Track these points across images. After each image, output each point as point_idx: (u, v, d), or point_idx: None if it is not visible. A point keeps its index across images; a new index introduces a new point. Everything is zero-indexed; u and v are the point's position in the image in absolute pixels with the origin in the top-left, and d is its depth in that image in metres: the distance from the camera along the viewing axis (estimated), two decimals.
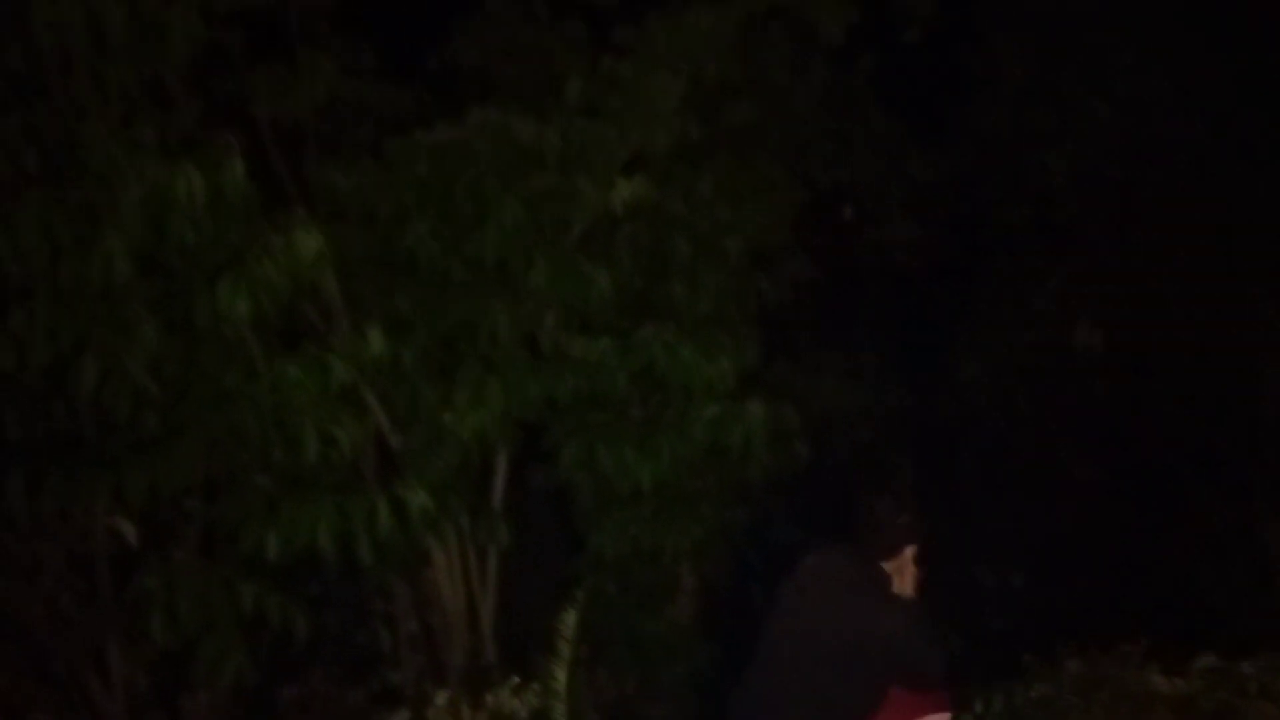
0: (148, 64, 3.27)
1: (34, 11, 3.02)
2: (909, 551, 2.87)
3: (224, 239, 3.17)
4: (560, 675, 3.08)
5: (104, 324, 3.06)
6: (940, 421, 6.04)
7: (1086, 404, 5.62)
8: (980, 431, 5.94)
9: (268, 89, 3.80)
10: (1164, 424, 5.51)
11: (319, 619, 3.66)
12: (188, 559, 3.40)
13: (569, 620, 3.19)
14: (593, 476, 4.41)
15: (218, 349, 3.28)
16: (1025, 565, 5.80)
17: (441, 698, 2.87)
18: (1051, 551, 5.63)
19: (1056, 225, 5.42)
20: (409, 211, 3.85)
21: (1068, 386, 5.72)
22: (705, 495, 4.74)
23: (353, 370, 3.43)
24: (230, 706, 3.70)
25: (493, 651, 4.45)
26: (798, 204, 5.16)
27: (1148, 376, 5.52)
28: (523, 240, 3.92)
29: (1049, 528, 5.68)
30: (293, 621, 3.43)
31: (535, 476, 4.64)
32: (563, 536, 4.92)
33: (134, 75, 3.23)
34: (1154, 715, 3.51)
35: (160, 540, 3.48)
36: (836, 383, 5.83)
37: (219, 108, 3.65)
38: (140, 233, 3.02)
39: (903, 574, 2.84)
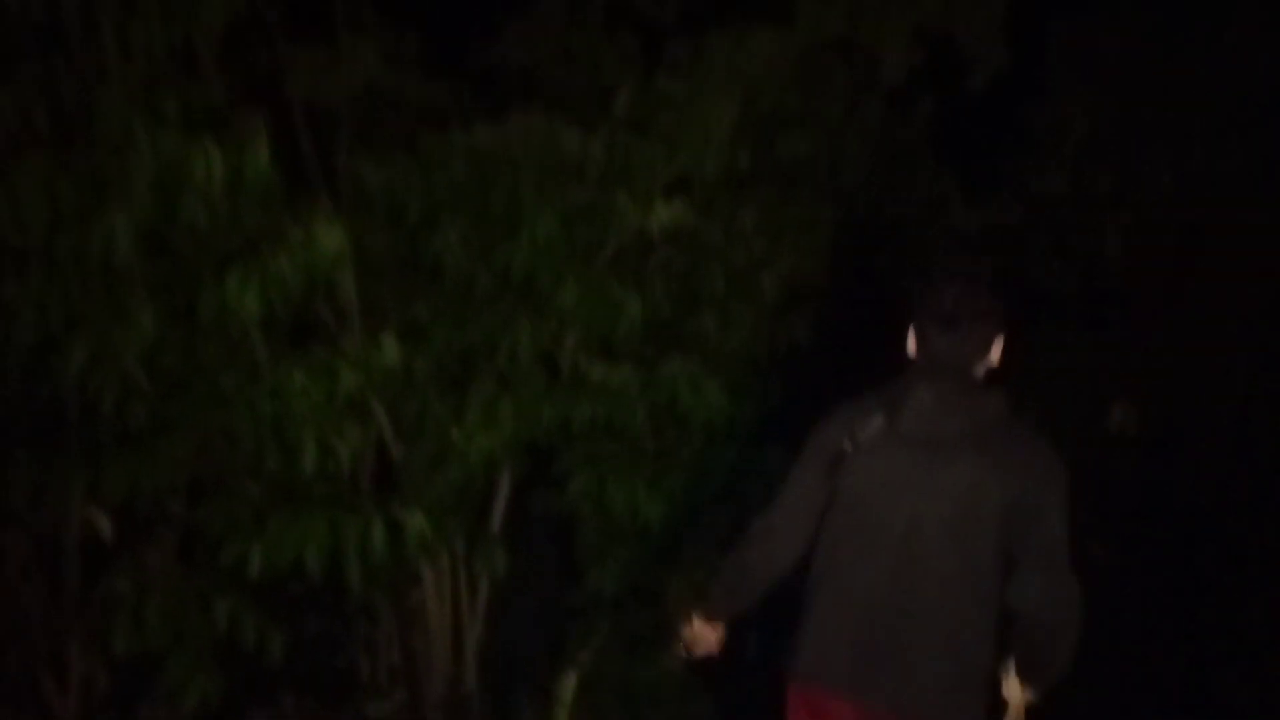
0: (179, 30, 3.05)
1: None
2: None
3: (240, 225, 2.95)
4: None
5: (99, 304, 2.84)
6: None
7: (1113, 485, 5.39)
8: None
9: (305, 70, 3.59)
10: (1193, 515, 5.29)
11: (296, 639, 3.42)
12: (163, 564, 3.17)
13: (568, 685, 2.95)
14: (599, 510, 4.21)
15: (220, 344, 3.06)
16: None
17: None
18: None
19: (1103, 295, 5.21)
20: (440, 214, 3.64)
21: (1095, 463, 5.50)
22: (715, 542, 4.53)
23: (362, 378, 3.21)
24: None
25: (475, 680, 4.23)
26: (838, 245, 4.96)
27: (1181, 465, 5.30)
28: (555, 256, 3.72)
29: None
30: (268, 640, 3.19)
31: (537, 503, 4.43)
32: (560, 568, 4.70)
33: (163, 40, 3.01)
34: None
35: (136, 540, 3.24)
36: None
37: (250, 84, 3.43)
38: (149, 209, 2.79)
39: None
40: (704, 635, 2.43)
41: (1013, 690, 2.17)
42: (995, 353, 2.22)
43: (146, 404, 3.04)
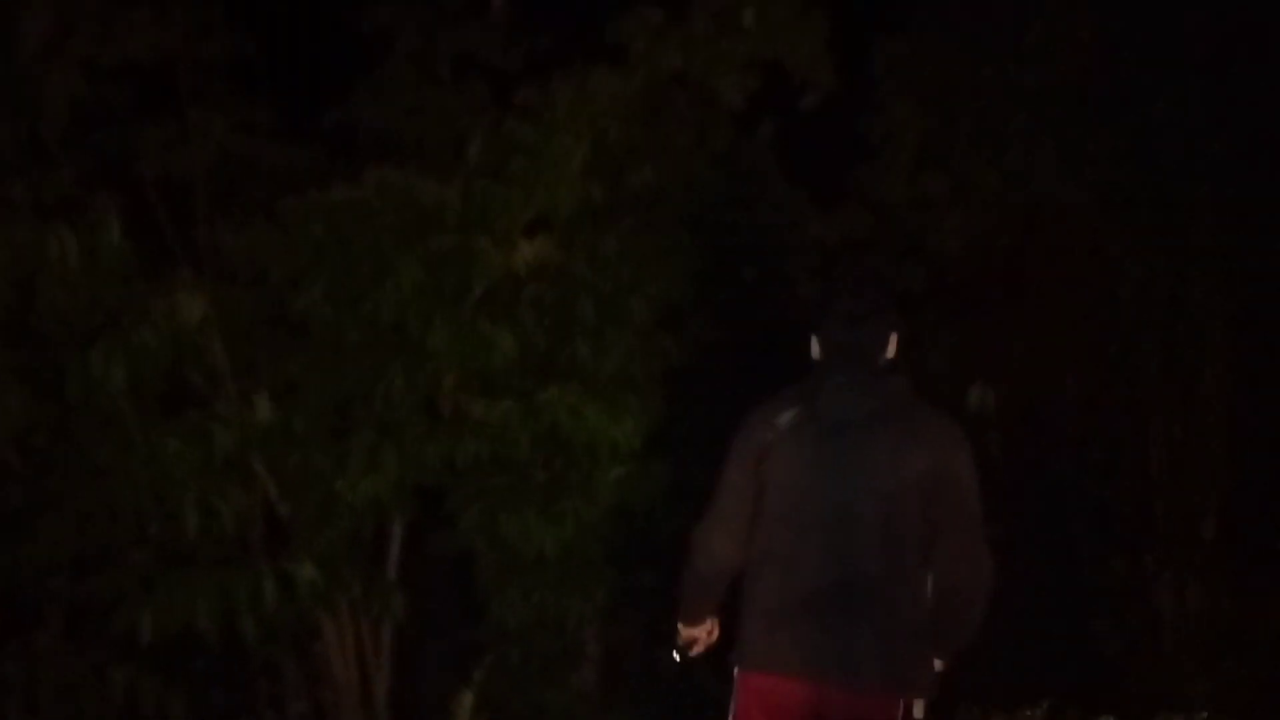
0: (23, 120, 3.12)
1: None
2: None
3: (100, 302, 3.02)
4: None
5: None
6: None
7: (981, 462, 5.72)
8: None
9: (154, 146, 3.67)
10: (1057, 482, 5.64)
11: (199, 701, 3.45)
12: (52, 643, 3.18)
13: (464, 702, 3.07)
14: (494, 543, 4.32)
15: (91, 419, 3.11)
16: None
17: None
18: None
19: (950, 288, 5.56)
20: (303, 273, 3.75)
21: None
22: (611, 559, 4.67)
23: (238, 438, 3.29)
24: None
25: None
26: (702, 265, 5.19)
27: (1040, 436, 5.66)
28: (422, 301, 3.86)
29: None
30: (169, 706, 3.23)
31: (433, 543, 4.52)
32: (463, 605, 4.78)
33: (7, 132, 3.08)
34: None
35: (21, 623, 3.25)
36: None
37: (101, 166, 3.50)
38: (7, 296, 2.85)
39: None
40: (695, 636, 2.49)
41: None
42: (893, 347, 2.35)
43: (22, 485, 3.07)
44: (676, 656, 2.51)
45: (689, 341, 5.10)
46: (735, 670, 2.32)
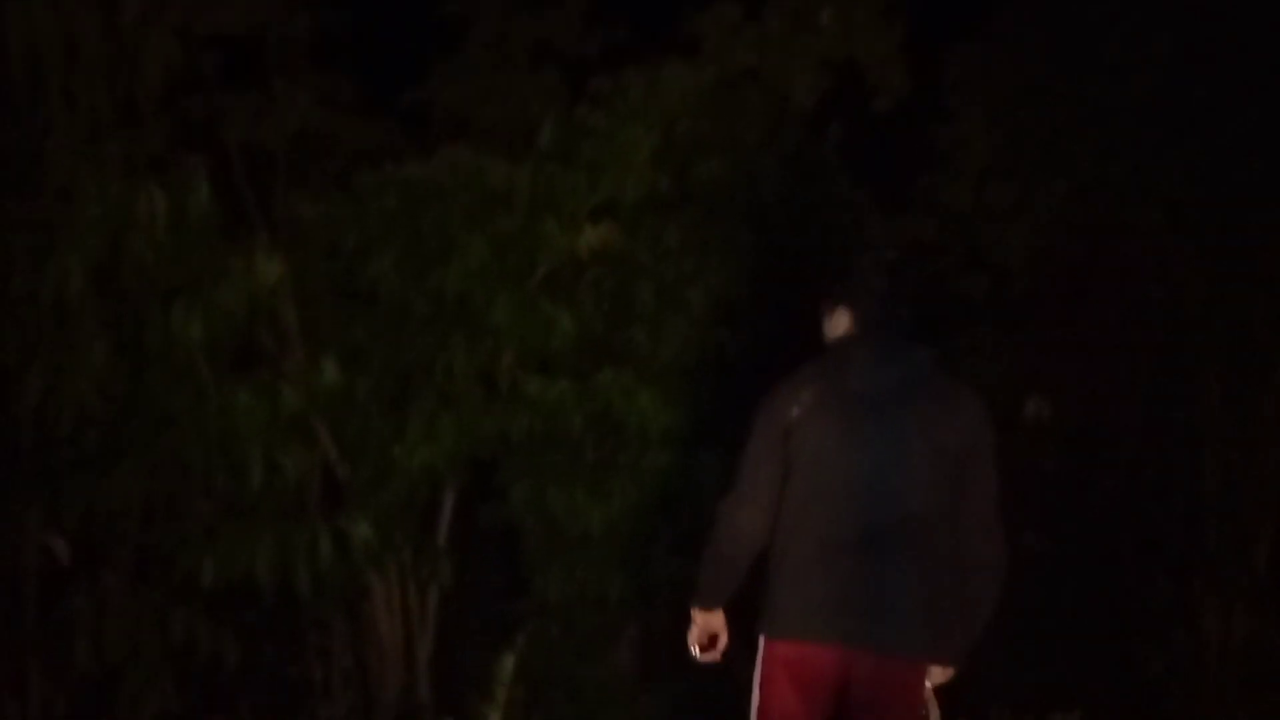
0: (120, 83, 3.27)
1: (7, 23, 3.03)
2: None
3: (183, 260, 3.16)
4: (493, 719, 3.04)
5: (53, 339, 3.04)
6: None
7: (1034, 476, 5.68)
8: None
9: (240, 115, 3.82)
10: (1109, 500, 5.59)
11: (252, 649, 3.60)
12: (119, 583, 3.34)
13: (506, 665, 3.17)
14: (542, 517, 4.42)
15: (167, 371, 3.26)
16: None
17: None
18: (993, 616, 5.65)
19: (1012, 299, 5.52)
20: (374, 244, 3.87)
21: (1017, 457, 5.78)
22: (654, 542, 4.74)
23: (304, 399, 3.42)
24: None
25: (427, 690, 4.40)
26: (763, 261, 5.23)
27: (1095, 453, 5.60)
28: (486, 278, 3.96)
29: None
30: (223, 651, 3.37)
31: (483, 514, 4.63)
32: (507, 577, 4.89)
33: (105, 93, 3.23)
34: None
35: (92, 562, 3.41)
36: None
37: (189, 129, 3.65)
38: (97, 250, 3.00)
39: None
40: (709, 626, 2.47)
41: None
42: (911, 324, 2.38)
43: (100, 430, 3.23)
44: (697, 654, 2.50)
45: (744, 335, 5.15)
46: (761, 639, 2.33)
